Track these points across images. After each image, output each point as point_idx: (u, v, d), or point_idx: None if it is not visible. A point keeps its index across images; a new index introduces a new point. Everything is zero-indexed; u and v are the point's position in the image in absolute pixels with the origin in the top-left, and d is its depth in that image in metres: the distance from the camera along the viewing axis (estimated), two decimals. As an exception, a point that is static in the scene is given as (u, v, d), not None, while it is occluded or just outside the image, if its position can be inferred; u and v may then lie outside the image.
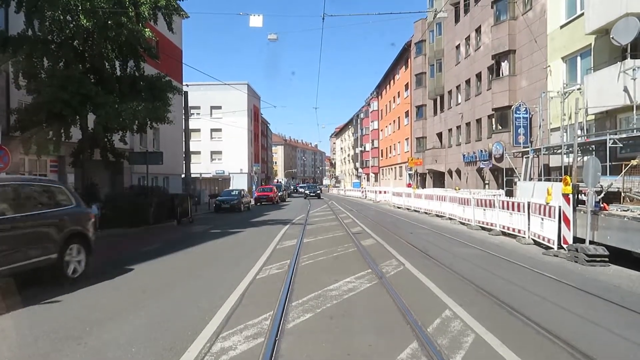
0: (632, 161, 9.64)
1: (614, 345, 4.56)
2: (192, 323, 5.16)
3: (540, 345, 4.47)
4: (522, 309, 5.65)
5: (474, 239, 12.93)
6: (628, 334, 4.80)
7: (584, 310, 5.72)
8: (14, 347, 4.58)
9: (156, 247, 12.39)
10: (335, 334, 4.79)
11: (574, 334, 4.73)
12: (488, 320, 5.13)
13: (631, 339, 4.68)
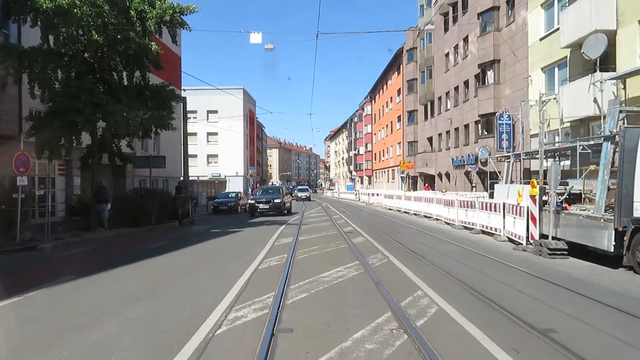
0: (591, 166, 10.84)
1: (542, 312, 5.68)
2: (208, 301, 6.25)
3: (487, 313, 5.61)
4: (481, 290, 6.79)
5: (456, 237, 14.10)
6: (556, 305, 5.97)
7: (533, 291, 6.87)
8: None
9: (163, 244, 13.45)
10: (325, 308, 5.91)
11: (516, 306, 5.87)
12: (451, 298, 6.26)
13: (556, 307, 5.86)
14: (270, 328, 4.99)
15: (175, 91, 18.02)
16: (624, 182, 8.31)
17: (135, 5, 15.20)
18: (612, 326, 5.17)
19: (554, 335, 4.72)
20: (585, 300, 6.35)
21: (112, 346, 4.61)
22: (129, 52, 15.12)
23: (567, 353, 4.26)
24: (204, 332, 4.92)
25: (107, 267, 9.22)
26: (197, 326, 5.11)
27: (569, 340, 4.57)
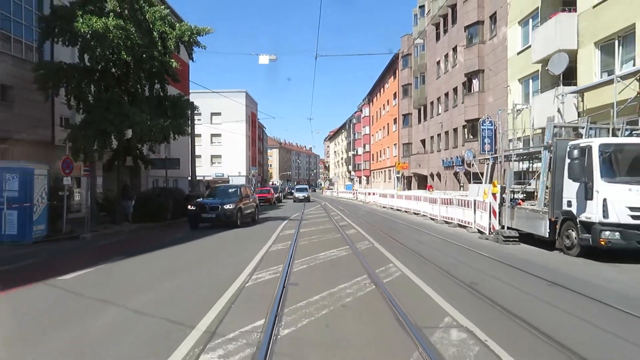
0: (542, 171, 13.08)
1: (477, 276, 7.91)
2: (235, 270, 8.46)
3: (437, 277, 7.85)
4: (439, 264, 9.04)
5: (436, 229, 16.37)
6: (491, 272, 8.23)
7: (479, 265, 9.12)
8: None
9: (181, 236, 15.63)
10: (321, 272, 8.16)
11: (461, 273, 8.12)
12: (414, 268, 8.50)
13: (490, 274, 8.11)
14: (282, 283, 7.23)
15: (189, 101, 20.25)
16: (556, 182, 10.56)
17: (158, 27, 17.46)
18: (525, 285, 7.42)
19: (475, 286, 6.98)
20: (511, 269, 8.61)
21: (169, 297, 6.88)
22: (153, 69, 17.37)
23: (476, 293, 6.52)
24: (236, 285, 7.17)
25: (145, 251, 11.47)
26: (231, 283, 7.34)
27: (484, 289, 6.82)
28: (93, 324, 5.37)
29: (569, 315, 5.62)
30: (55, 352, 4.47)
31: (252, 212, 19.74)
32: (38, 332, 5.10)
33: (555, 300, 6.34)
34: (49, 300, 6.57)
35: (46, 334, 5.01)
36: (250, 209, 19.40)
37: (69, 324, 5.39)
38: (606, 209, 9.14)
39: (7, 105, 17.65)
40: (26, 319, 5.61)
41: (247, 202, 19.18)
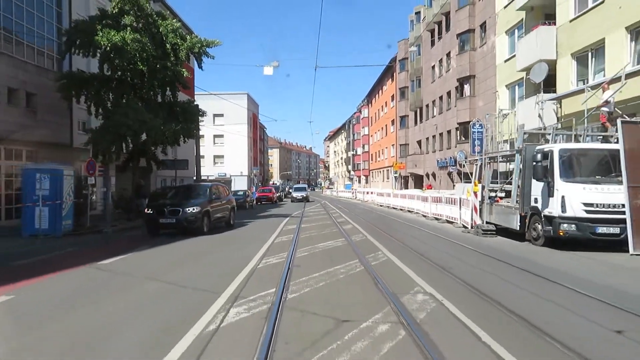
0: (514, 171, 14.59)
1: (452, 261, 9.43)
2: (246, 257, 9.98)
3: (419, 261, 9.38)
4: (422, 252, 10.57)
5: (426, 225, 17.91)
6: (466, 259, 9.76)
7: (458, 254, 10.64)
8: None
9: (194, 231, 17.17)
10: (319, 258, 9.69)
11: (440, 258, 9.65)
12: (399, 255, 10.02)
13: (465, 260, 9.64)
14: (287, 266, 8.76)
15: (198, 106, 21.80)
16: (525, 182, 12.07)
17: (170, 40, 18.99)
18: (490, 267, 8.95)
19: (450, 270, 8.51)
20: (482, 256, 10.13)
21: (197, 275, 8.42)
22: (166, 78, 18.90)
23: (446, 272, 8.05)
24: (250, 267, 8.70)
25: (163, 243, 12.96)
26: (244, 266, 8.86)
27: (454, 270, 8.35)
28: (144, 291, 6.92)
29: (517, 287, 7.14)
30: (122, 308, 6.00)
31: (226, 216, 17.02)
32: (104, 296, 6.65)
33: (511, 278, 7.87)
34: (103, 278, 8.11)
35: (110, 298, 6.56)
36: (222, 212, 16.70)
37: (125, 292, 6.94)
38: (564, 205, 10.67)
39: (31, 111, 19.18)
40: (92, 289, 7.16)
41: (218, 204, 16.36)
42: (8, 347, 4.54)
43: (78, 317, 5.62)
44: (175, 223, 14.30)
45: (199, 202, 15.04)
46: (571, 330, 4.92)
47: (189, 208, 14.52)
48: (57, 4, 20.96)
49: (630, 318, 5.39)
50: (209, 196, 15.73)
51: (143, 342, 4.65)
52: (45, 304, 6.34)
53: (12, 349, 4.52)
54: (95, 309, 6.02)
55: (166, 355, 4.14)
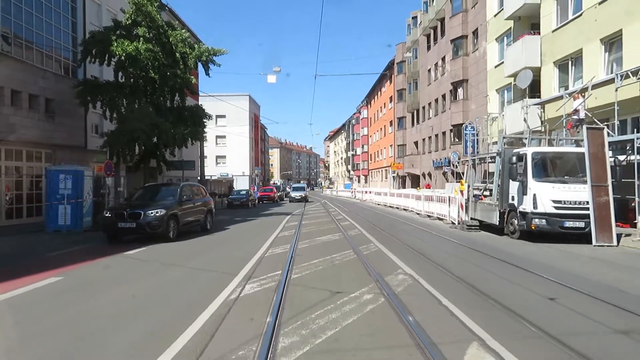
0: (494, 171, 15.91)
1: (435, 251, 10.77)
2: (253, 248, 11.31)
3: (404, 250, 10.72)
4: (409, 243, 11.92)
5: (418, 221, 19.24)
6: (451, 251, 11.10)
7: (441, 245, 11.99)
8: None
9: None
10: (318, 249, 11.03)
11: (426, 251, 10.99)
12: (389, 246, 11.36)
13: (446, 250, 10.98)
14: (290, 255, 10.10)
15: (205, 111, 23.14)
16: (504, 182, 13.41)
17: (180, 49, 20.32)
18: (467, 256, 10.30)
19: (430, 257, 9.84)
20: (462, 247, 11.48)
21: (214, 262, 9.77)
22: (175, 84, 20.25)
23: (427, 259, 9.40)
24: (258, 255, 10.05)
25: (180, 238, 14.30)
26: (254, 254, 10.20)
27: (434, 258, 9.68)
28: (171, 273, 8.28)
29: (484, 270, 8.48)
30: (158, 285, 7.35)
31: (200, 220, 15.38)
32: (140, 277, 8.01)
33: (482, 263, 9.22)
34: (131, 264, 9.47)
35: (145, 278, 7.93)
36: (195, 215, 15.00)
37: (155, 274, 8.30)
38: (536, 202, 12.01)
39: (50, 116, 20.52)
40: (127, 272, 8.52)
41: (190, 206, 14.70)
42: (75, 312, 5.88)
43: (123, 292, 6.97)
44: (136, 228, 12.49)
45: (165, 204, 13.27)
46: (516, 298, 6.26)
47: (152, 211, 12.59)
48: (72, 14, 22.32)
49: (564, 290, 6.73)
50: (178, 198, 13.95)
51: (182, 305, 5.99)
52: (91, 283, 7.70)
53: (78, 312, 5.87)
54: (136, 285, 7.39)
55: (202, 312, 5.48)
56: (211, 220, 16.43)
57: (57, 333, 5.00)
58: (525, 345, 4.37)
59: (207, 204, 16.36)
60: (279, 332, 4.76)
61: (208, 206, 16.36)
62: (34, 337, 4.87)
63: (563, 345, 4.35)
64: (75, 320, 5.52)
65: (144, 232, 12.55)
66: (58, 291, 7.06)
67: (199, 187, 16.97)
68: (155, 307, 6.03)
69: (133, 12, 19.11)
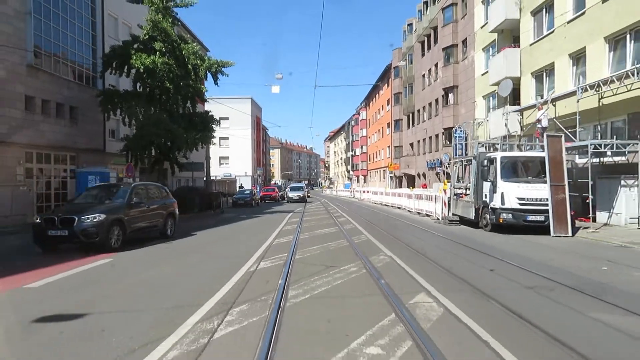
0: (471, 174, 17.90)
1: (420, 242, 12.77)
2: (262, 239, 13.35)
3: (391, 240, 12.74)
4: (397, 235, 13.93)
5: (408, 217, 21.26)
6: (430, 241, 13.13)
7: (423, 236, 13.99)
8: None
9: (213, 222, 20.54)
10: (317, 239, 13.05)
11: (408, 239, 13.01)
12: (379, 237, 13.37)
13: (429, 241, 13.01)
14: (293, 243, 12.12)
15: (213, 117, 25.19)
16: (478, 182, 15.42)
17: (192, 61, 22.35)
18: (441, 244, 12.31)
19: (410, 244, 11.87)
20: (440, 237, 13.49)
21: (230, 248, 11.80)
22: (188, 93, 22.29)
23: (406, 246, 11.42)
24: (266, 244, 12.07)
25: (194, 230, 16.34)
26: (263, 243, 12.22)
27: (414, 245, 11.70)
28: (199, 256, 10.32)
29: (451, 253, 10.49)
30: (190, 264, 9.38)
31: (158, 225, 13.60)
32: (175, 258, 10.05)
33: (452, 249, 11.23)
34: (156, 252, 11.50)
35: (179, 259, 9.97)
36: (151, 220, 13.22)
37: (185, 256, 10.34)
38: (503, 199, 14.02)
39: (73, 122, 22.57)
40: (162, 255, 10.56)
41: (144, 209, 12.78)
42: (127, 283, 7.89)
43: (164, 269, 9.01)
44: (69, 236, 10.69)
45: (108, 208, 11.48)
46: (466, 271, 8.27)
47: (88, 216, 10.74)
48: (92, 28, 24.34)
49: (505, 265, 8.76)
50: (127, 200, 12.17)
51: (215, 275, 8.01)
52: (138, 262, 9.74)
53: (130, 284, 7.91)
54: (175, 263, 9.45)
55: (231, 278, 7.50)
56: (173, 225, 14.43)
57: (134, 288, 7.04)
58: (455, 295, 6.36)
59: (168, 207, 14.32)
60: (288, 288, 6.78)
61: (169, 209, 14.31)
62: (124, 290, 6.91)
63: (482, 294, 6.38)
64: (143, 280, 7.57)
65: (78, 242, 10.78)
66: (117, 266, 9.11)
67: (159, 188, 14.98)
68: (196, 275, 8.07)
69: (150, 28, 21.13)
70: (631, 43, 15.32)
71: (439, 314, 5.44)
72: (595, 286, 6.93)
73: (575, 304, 5.95)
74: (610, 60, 16.29)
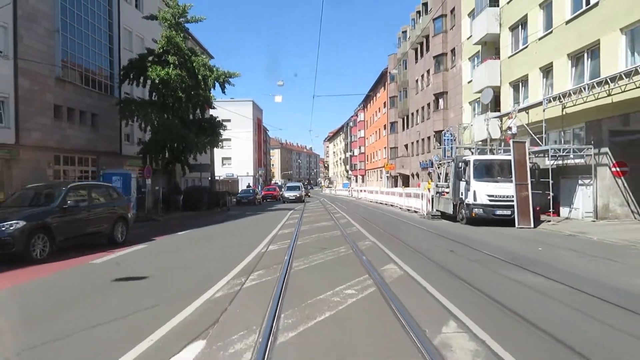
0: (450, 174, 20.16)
1: (402, 233, 15.02)
2: (266, 232, 15.61)
3: (379, 231, 15.01)
4: (383, 227, 16.19)
5: (397, 213, 23.53)
6: (413, 232, 15.40)
7: (407, 228, 16.25)
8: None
9: (221, 218, 22.77)
10: (315, 230, 15.31)
11: (393, 230, 15.28)
12: (368, 229, 15.62)
13: (412, 233, 15.28)
14: (295, 233, 14.38)
15: (221, 122, 27.46)
16: (456, 182, 17.68)
17: (202, 72, 24.61)
18: (422, 235, 14.58)
19: (393, 234, 14.13)
20: (421, 229, 15.76)
21: (242, 238, 14.09)
22: (198, 102, 24.57)
23: (391, 236, 13.69)
24: (272, 234, 14.33)
25: (204, 224, 18.57)
26: (269, 233, 14.47)
27: (398, 235, 13.97)
28: (215, 244, 12.60)
29: (425, 240, 12.75)
30: (211, 249, 11.66)
31: (104, 230, 11.87)
32: (194, 246, 12.33)
33: (428, 237, 13.50)
34: (183, 239, 13.78)
35: (198, 246, 12.26)
36: (95, 225, 11.56)
37: (207, 243, 12.61)
38: (475, 196, 16.28)
39: (94, 128, 24.82)
40: (181, 244, 12.83)
41: (82, 214, 11.22)
42: (154, 269, 10.16)
43: (185, 254, 11.28)
44: None
45: (30, 214, 10.02)
46: (431, 251, 10.53)
47: (4, 224, 9.33)
48: (109, 41, 26.57)
49: (464, 248, 11.03)
50: (58, 204, 10.57)
51: (234, 255, 10.27)
52: (167, 247, 12.01)
53: (161, 265, 10.18)
54: (195, 249, 11.72)
55: (247, 256, 9.76)
56: (124, 230, 12.66)
57: (171, 268, 9.32)
58: (416, 265, 8.58)
59: (117, 210, 12.55)
60: (292, 261, 9.04)
61: (119, 212, 12.56)
62: (174, 264, 9.19)
63: (437, 265, 8.65)
64: (178, 260, 9.84)
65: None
66: (155, 250, 11.39)
67: (106, 189, 13.11)
68: (222, 255, 10.34)
69: (165, 43, 23.38)
70: (588, 60, 17.59)
71: (400, 274, 7.71)
72: (524, 260, 9.19)
73: (501, 270, 8.22)
74: (572, 75, 18.56)
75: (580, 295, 6.36)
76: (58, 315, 5.62)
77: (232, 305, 5.86)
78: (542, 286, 6.94)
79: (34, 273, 8.45)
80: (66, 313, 5.74)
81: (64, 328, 5.02)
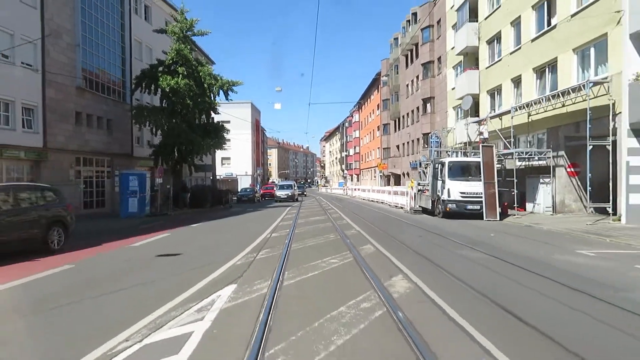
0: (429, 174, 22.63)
1: (388, 225, 17.47)
2: (265, 228, 18.03)
3: (365, 224, 17.46)
4: (370, 221, 18.65)
5: (385, 209, 26.01)
6: (396, 224, 17.87)
7: (390, 221, 18.71)
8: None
9: (225, 214, 25.19)
10: (311, 224, 17.76)
11: (378, 223, 17.73)
12: (359, 223, 18.07)
13: (395, 225, 17.75)
14: (293, 225, 16.81)
15: (225, 126, 29.86)
16: (434, 180, 20.15)
17: (207, 81, 26.98)
18: (403, 227, 17.06)
19: (378, 227, 16.60)
20: (403, 222, 18.22)
21: (248, 228, 16.53)
22: (204, 108, 26.96)
23: (376, 228, 16.16)
24: (274, 225, 16.77)
25: (212, 219, 20.98)
26: (271, 225, 16.91)
27: (382, 227, 16.43)
28: (223, 234, 15.05)
29: (403, 231, 15.21)
30: (223, 237, 14.09)
31: (35, 236, 10.50)
32: (207, 235, 14.77)
33: (406, 228, 15.97)
34: (198, 230, 16.20)
35: (212, 235, 14.72)
36: (20, 231, 10.11)
37: (218, 233, 15.05)
38: (450, 193, 18.75)
39: (109, 132, 27.16)
40: (197, 233, 15.27)
41: (5, 219, 9.72)
42: (183, 249, 12.58)
43: (203, 241, 13.71)
44: None
45: None
46: (405, 238, 12.98)
47: None
48: (122, 52, 28.91)
49: (432, 235, 13.50)
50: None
51: (245, 239, 12.68)
52: (186, 236, 14.43)
53: (187, 248, 12.62)
54: (210, 237, 14.16)
55: (255, 241, 12.20)
56: (62, 235, 11.29)
57: (197, 248, 11.75)
58: (388, 245, 11.02)
59: (52, 214, 11.15)
60: (291, 244, 11.48)
61: (54, 216, 11.18)
62: (201, 245, 11.61)
63: (404, 245, 11.12)
64: (199, 244, 12.27)
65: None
66: (177, 238, 13.83)
67: (38, 190, 11.56)
68: (235, 239, 12.78)
69: (174, 55, 25.74)
70: (549, 75, 20.09)
71: (373, 250, 10.18)
72: (475, 242, 11.65)
73: (454, 249, 10.68)
74: (537, 86, 21.06)
75: (504, 264, 8.79)
76: (129, 275, 8.07)
77: (250, 268, 8.31)
78: (479, 259, 9.39)
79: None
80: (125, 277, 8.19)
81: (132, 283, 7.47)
